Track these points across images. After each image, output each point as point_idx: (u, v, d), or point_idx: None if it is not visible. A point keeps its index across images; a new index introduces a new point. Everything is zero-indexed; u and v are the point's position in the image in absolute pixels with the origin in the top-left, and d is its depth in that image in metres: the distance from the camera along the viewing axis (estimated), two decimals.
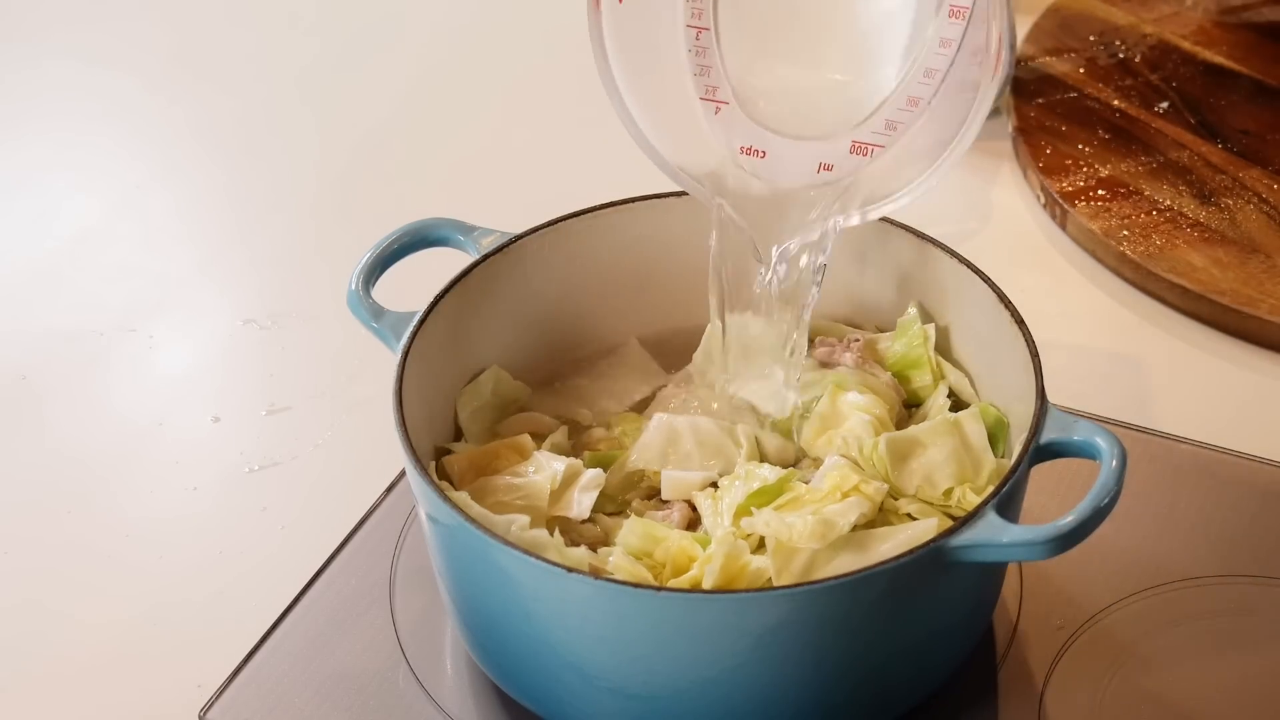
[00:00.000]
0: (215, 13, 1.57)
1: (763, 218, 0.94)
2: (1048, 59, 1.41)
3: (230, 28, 1.56)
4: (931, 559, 0.83)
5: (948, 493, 0.93)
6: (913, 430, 0.95)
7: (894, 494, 0.93)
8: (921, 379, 1.00)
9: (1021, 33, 1.39)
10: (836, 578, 0.82)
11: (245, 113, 1.46)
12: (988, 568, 0.92)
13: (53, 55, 1.54)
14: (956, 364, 1.01)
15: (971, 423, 0.95)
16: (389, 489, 1.07)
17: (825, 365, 1.01)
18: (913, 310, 1.01)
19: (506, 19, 1.56)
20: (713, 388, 1.01)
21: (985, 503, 0.85)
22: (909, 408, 1.00)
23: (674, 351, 1.05)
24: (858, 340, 1.02)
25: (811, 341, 1.03)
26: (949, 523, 0.90)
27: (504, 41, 1.53)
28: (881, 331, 1.03)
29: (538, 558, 0.84)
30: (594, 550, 0.91)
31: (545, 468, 0.96)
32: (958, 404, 0.99)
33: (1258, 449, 1.08)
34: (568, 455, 0.98)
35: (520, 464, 0.97)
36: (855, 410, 0.96)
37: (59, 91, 1.50)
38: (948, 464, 0.93)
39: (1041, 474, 0.92)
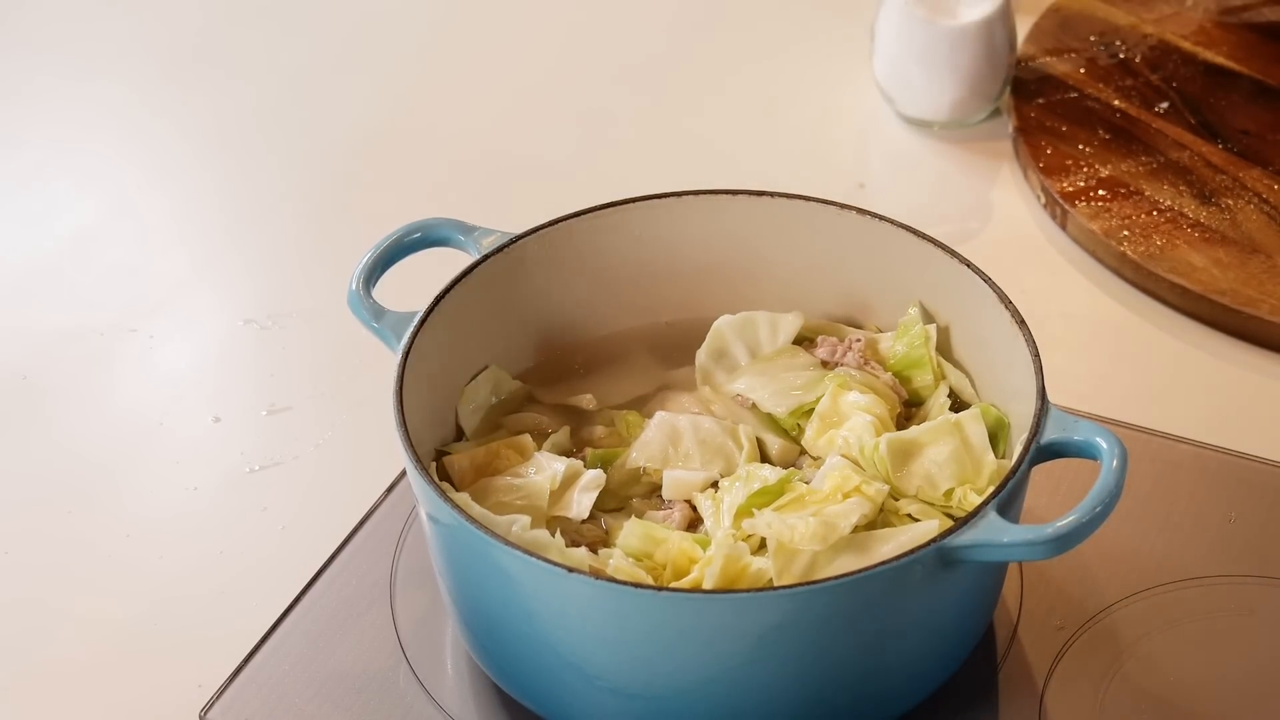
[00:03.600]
0: (216, 12, 1.57)
1: None
2: (1048, 59, 1.41)
3: (230, 27, 1.55)
4: (932, 559, 0.83)
5: (948, 493, 0.93)
6: (913, 431, 0.95)
7: (895, 495, 0.93)
8: (923, 379, 1.00)
9: (1021, 33, 1.39)
10: (838, 578, 0.82)
11: (246, 112, 1.46)
12: (988, 568, 0.92)
13: (53, 54, 1.53)
14: (957, 364, 1.01)
15: (972, 423, 0.95)
16: (389, 489, 1.07)
17: (826, 365, 1.01)
18: (914, 310, 1.01)
19: (507, 19, 1.56)
20: (716, 387, 1.02)
21: (986, 503, 0.85)
22: (910, 408, 1.00)
23: (675, 350, 1.05)
24: (859, 340, 1.02)
25: (812, 341, 1.03)
26: (950, 523, 0.90)
27: (504, 41, 1.53)
28: (882, 331, 1.03)
29: (539, 558, 0.84)
30: (594, 551, 0.91)
31: (545, 468, 0.96)
32: (958, 404, 0.99)
33: (1258, 449, 1.08)
34: (568, 455, 0.98)
35: (521, 464, 0.97)
36: (856, 410, 0.96)
37: (61, 91, 1.50)
38: (948, 464, 0.93)
39: (1041, 474, 0.92)
